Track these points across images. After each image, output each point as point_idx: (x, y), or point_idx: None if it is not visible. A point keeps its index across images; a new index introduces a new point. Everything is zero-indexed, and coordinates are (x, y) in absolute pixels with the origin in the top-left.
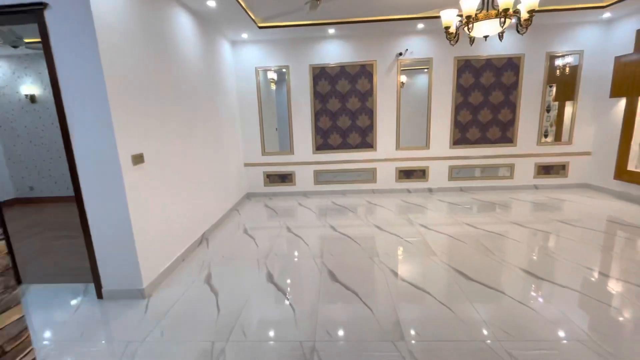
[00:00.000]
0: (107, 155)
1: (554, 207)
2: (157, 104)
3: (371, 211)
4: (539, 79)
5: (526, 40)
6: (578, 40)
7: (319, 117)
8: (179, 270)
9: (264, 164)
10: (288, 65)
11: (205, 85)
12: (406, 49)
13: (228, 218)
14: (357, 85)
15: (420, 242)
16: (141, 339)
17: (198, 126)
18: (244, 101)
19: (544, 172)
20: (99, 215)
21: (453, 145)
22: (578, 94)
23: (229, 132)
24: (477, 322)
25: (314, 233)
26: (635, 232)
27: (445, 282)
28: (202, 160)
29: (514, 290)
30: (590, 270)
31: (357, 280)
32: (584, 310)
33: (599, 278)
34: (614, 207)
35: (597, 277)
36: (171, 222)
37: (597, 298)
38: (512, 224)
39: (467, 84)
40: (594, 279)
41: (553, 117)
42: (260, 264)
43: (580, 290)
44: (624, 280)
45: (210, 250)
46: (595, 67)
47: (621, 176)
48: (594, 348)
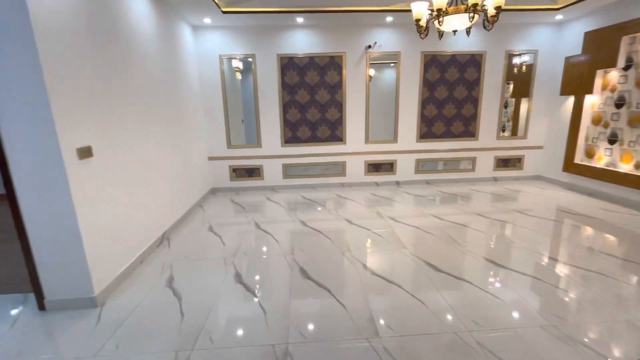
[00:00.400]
0: (46, 148)
1: (511, 198)
2: (109, 91)
3: (341, 205)
4: (499, 76)
5: (488, 38)
6: (533, 40)
7: (287, 109)
8: (137, 274)
9: (230, 157)
10: (254, 54)
11: (164, 72)
12: (375, 42)
13: (191, 215)
14: (326, 77)
15: (390, 235)
16: (92, 353)
17: (157, 116)
18: (208, 91)
19: (503, 165)
20: (37, 215)
21: (420, 139)
22: (532, 91)
23: (192, 123)
24: (448, 314)
25: (283, 229)
26: (582, 220)
27: (415, 274)
28: (162, 153)
29: (479, 279)
30: (542, 255)
31: (329, 277)
32: (541, 295)
33: (551, 264)
34: (563, 198)
35: (549, 263)
36: (127, 220)
37: (553, 283)
38: (475, 215)
39: (433, 79)
40: (547, 265)
41: (510, 113)
42: (227, 263)
43: (538, 276)
44: (575, 265)
45: (172, 250)
46: (548, 66)
47: (569, 169)
48: (553, 332)
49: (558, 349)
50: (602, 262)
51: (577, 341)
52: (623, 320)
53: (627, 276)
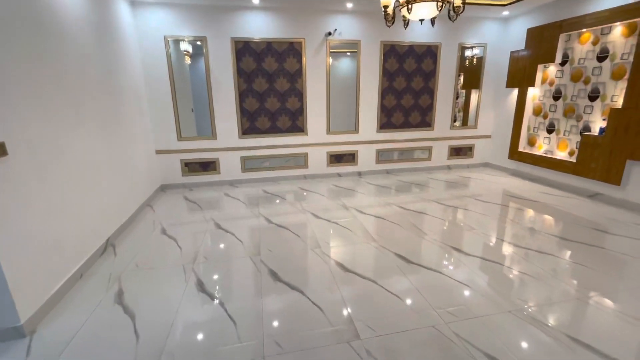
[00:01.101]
0: None
1: (464, 185)
2: (25, 79)
3: (305, 198)
4: (453, 67)
5: (442, 30)
6: (483, 34)
7: (244, 98)
8: (78, 290)
9: (181, 150)
10: (205, 37)
11: (96, 54)
12: (335, 29)
13: (139, 216)
14: (285, 65)
15: (358, 228)
16: None
17: (91, 106)
18: (153, 77)
19: (455, 154)
20: None
21: (380, 129)
22: (482, 83)
23: (135, 113)
24: (424, 307)
25: (246, 227)
26: (525, 203)
27: (387, 268)
28: (100, 148)
29: (448, 268)
30: (502, 240)
31: (301, 277)
32: (510, 281)
33: (515, 250)
34: (509, 183)
35: (512, 249)
36: (58, 230)
37: (516, 269)
38: (435, 203)
39: (393, 69)
40: (510, 251)
41: (461, 104)
42: (186, 270)
43: (501, 262)
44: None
45: (119, 258)
46: (496, 59)
47: (513, 156)
48: (520, 315)
49: (528, 331)
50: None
51: (540, 322)
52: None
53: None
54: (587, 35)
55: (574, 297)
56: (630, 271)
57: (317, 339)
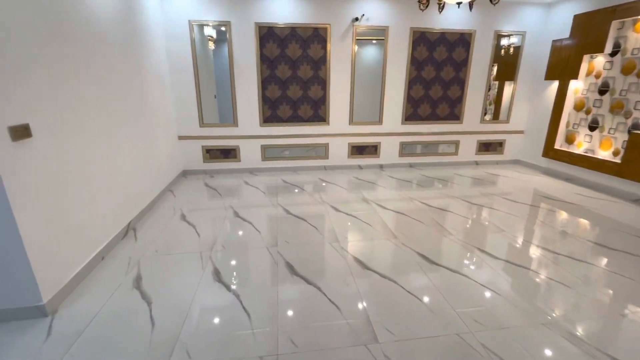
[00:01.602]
0: None
1: (492, 182)
2: (50, 60)
3: (324, 189)
4: (487, 57)
5: (477, 17)
6: (522, 21)
7: (266, 85)
8: (98, 273)
9: (203, 137)
10: (229, 22)
11: (122, 38)
12: (362, 14)
13: (160, 201)
14: (309, 51)
15: (378, 224)
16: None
17: (114, 88)
18: (176, 61)
19: (484, 149)
20: None
21: (405, 121)
22: (518, 74)
23: (157, 98)
24: (447, 312)
25: (264, 216)
26: (559, 204)
27: (409, 267)
28: (123, 132)
29: (475, 272)
30: (534, 245)
31: (318, 272)
32: (540, 288)
33: (547, 255)
34: (541, 182)
35: (543, 254)
36: (83, 211)
37: (547, 276)
38: (460, 200)
39: (421, 58)
40: (544, 257)
41: (492, 96)
42: (203, 258)
43: (530, 266)
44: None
45: (139, 243)
46: (535, 49)
47: (548, 154)
48: (553, 328)
49: (559, 344)
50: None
51: (577, 337)
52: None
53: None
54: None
55: (608, 311)
56: None
57: (333, 338)
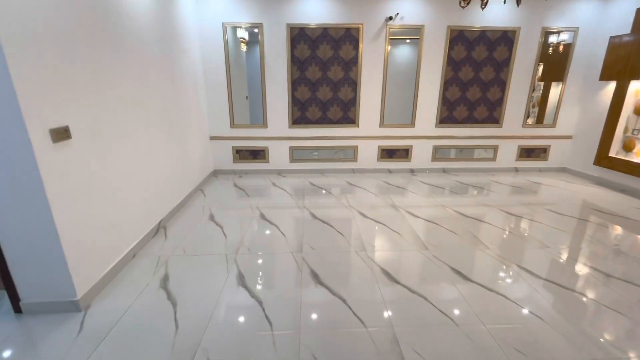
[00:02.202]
0: (7, 130)
1: (533, 191)
2: (90, 61)
3: (352, 193)
4: (532, 56)
5: (523, 13)
6: (574, 17)
7: (296, 87)
8: (129, 270)
9: (233, 137)
10: (262, 23)
11: (159, 41)
12: (396, 13)
13: (191, 200)
14: (340, 52)
15: (407, 232)
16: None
17: (150, 90)
18: (209, 63)
19: (526, 155)
20: (3, 209)
21: (439, 124)
22: (567, 74)
23: (191, 99)
24: (484, 337)
25: (290, 220)
26: (613, 219)
27: (441, 283)
28: (158, 132)
29: (515, 292)
30: (590, 267)
31: (343, 283)
32: (591, 315)
33: (597, 275)
34: (591, 193)
35: (600, 278)
36: (117, 210)
37: (601, 302)
38: (499, 211)
39: (459, 58)
40: (594, 278)
41: (537, 98)
42: (229, 260)
43: (579, 289)
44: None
45: (169, 242)
46: (589, 46)
47: (601, 162)
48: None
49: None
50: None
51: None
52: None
53: None
54: None
55: None
56: None
57: (357, 357)
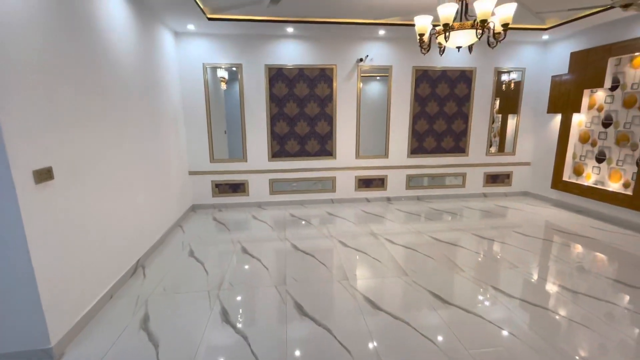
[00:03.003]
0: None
1: (501, 215)
2: (75, 103)
3: (332, 223)
4: (489, 92)
5: (477, 55)
6: (521, 58)
7: (275, 122)
8: (106, 313)
9: (213, 172)
10: (241, 64)
11: (141, 81)
12: (366, 55)
13: (170, 237)
14: (316, 90)
15: (388, 259)
16: None
17: (131, 129)
18: (190, 101)
19: (492, 181)
20: None
21: (411, 154)
22: (520, 108)
23: (171, 136)
24: (464, 359)
25: (272, 252)
26: (573, 238)
27: (422, 308)
28: (138, 170)
29: (491, 312)
30: (558, 285)
31: (328, 313)
32: (562, 331)
33: (567, 294)
34: (552, 214)
35: (570, 296)
36: (95, 250)
37: (572, 319)
38: (470, 234)
39: (425, 94)
40: (563, 296)
41: (497, 129)
42: (211, 297)
43: (550, 307)
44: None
45: (148, 281)
46: (535, 84)
47: (557, 186)
48: None
49: None
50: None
51: None
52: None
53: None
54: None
55: (636, 355)
56: None
57: None
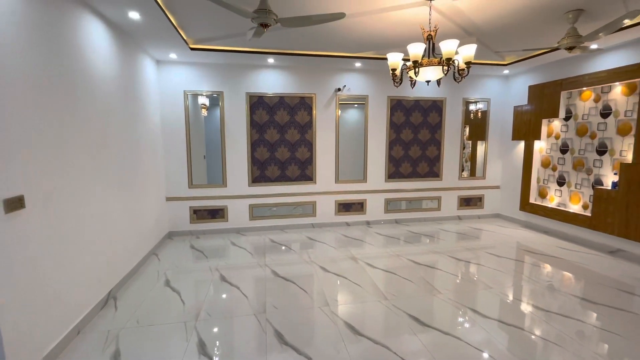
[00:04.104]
0: None
1: (475, 237)
2: (52, 130)
3: (313, 248)
4: (459, 120)
5: (447, 87)
6: (486, 90)
7: (255, 148)
8: (73, 350)
9: (191, 198)
10: (222, 92)
11: (121, 108)
12: (344, 85)
13: (144, 266)
14: (296, 117)
15: (367, 283)
16: None
17: (110, 155)
18: (169, 127)
19: (465, 204)
20: None
21: (388, 179)
22: (487, 135)
23: (149, 162)
24: None
25: (252, 279)
26: (542, 258)
27: (401, 331)
28: (114, 197)
29: (468, 333)
30: (532, 305)
31: (309, 340)
32: (535, 350)
33: (541, 314)
34: (522, 235)
35: (537, 313)
36: (64, 282)
37: (547, 339)
38: (446, 256)
39: (399, 122)
40: (536, 316)
41: (467, 154)
42: (188, 328)
43: (522, 326)
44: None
45: (120, 313)
46: (500, 113)
47: (525, 208)
48: None
49: None
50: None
51: None
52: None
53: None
54: (588, 92)
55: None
56: None
57: None
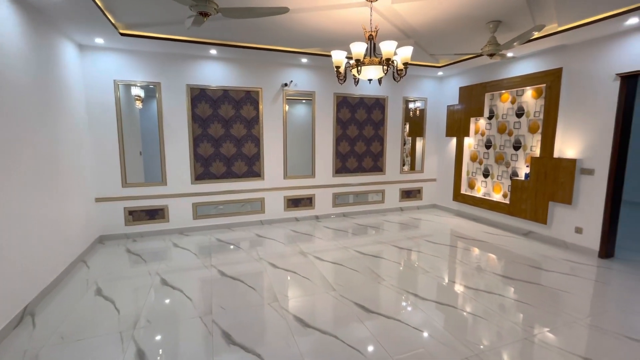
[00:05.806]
0: None
1: (415, 226)
2: None
3: (262, 245)
4: (399, 117)
5: (389, 85)
6: (423, 90)
7: (198, 143)
8: None
9: (126, 197)
10: (159, 82)
11: (35, 98)
12: (291, 81)
13: (70, 275)
14: (242, 112)
15: (316, 277)
16: None
17: (21, 153)
18: (98, 120)
19: (406, 196)
20: None
21: (335, 174)
22: (425, 132)
23: (72, 159)
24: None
25: (196, 281)
26: (471, 243)
27: (349, 320)
28: (27, 198)
29: (410, 316)
30: (464, 286)
31: (258, 338)
32: (466, 324)
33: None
34: (454, 223)
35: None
36: None
37: (480, 316)
38: (390, 245)
39: (345, 118)
40: (467, 295)
41: (408, 150)
42: (124, 338)
43: (454, 304)
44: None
45: (39, 330)
46: (435, 111)
47: (457, 198)
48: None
49: None
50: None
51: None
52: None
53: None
54: (507, 95)
55: (521, 337)
56: (564, 306)
57: None
